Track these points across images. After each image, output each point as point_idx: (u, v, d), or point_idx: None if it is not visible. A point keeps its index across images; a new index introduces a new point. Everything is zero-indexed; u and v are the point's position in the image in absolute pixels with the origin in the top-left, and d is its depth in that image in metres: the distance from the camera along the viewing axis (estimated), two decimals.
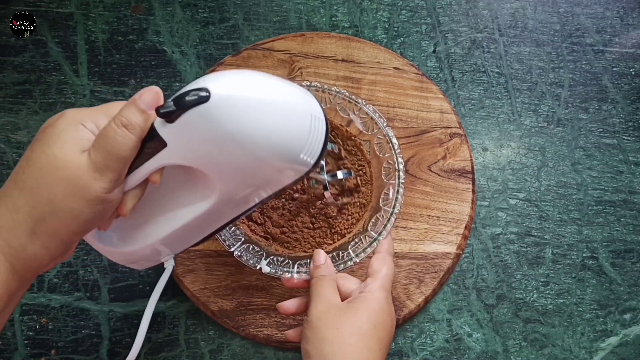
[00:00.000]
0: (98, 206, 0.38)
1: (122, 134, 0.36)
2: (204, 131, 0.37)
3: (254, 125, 0.38)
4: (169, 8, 0.72)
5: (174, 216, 0.45)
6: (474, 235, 0.63)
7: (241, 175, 0.41)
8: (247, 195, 0.44)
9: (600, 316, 0.61)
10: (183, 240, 0.47)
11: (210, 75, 0.38)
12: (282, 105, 0.40)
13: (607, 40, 0.73)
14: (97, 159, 0.36)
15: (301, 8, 0.73)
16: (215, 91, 0.36)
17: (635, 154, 0.67)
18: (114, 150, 0.36)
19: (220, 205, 0.44)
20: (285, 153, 0.40)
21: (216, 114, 0.37)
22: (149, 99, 0.37)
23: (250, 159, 0.39)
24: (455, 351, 0.59)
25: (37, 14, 0.71)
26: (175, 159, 0.39)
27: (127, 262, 0.48)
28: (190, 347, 0.59)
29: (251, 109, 0.38)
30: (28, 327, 0.59)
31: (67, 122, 0.37)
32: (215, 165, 0.40)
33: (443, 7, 0.74)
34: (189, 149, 0.39)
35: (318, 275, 0.49)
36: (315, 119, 0.41)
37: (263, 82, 0.40)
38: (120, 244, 0.46)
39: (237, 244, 0.53)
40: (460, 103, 0.69)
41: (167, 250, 0.48)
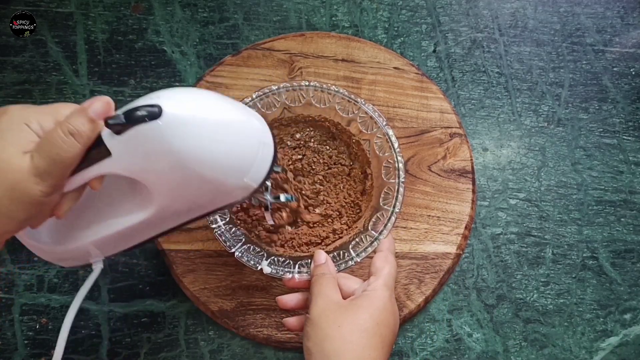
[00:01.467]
0: (35, 208, 0.37)
1: (68, 142, 0.36)
2: (150, 147, 0.37)
3: (201, 146, 0.38)
4: (169, 8, 0.72)
5: (109, 222, 0.45)
6: (474, 235, 0.63)
7: (182, 192, 0.41)
8: (185, 210, 0.44)
9: (600, 316, 0.61)
10: (115, 244, 0.47)
11: (164, 92, 0.38)
12: (232, 130, 0.40)
13: (607, 40, 0.73)
14: (39, 164, 0.36)
15: (301, 8, 0.73)
16: (167, 109, 0.36)
17: (635, 154, 0.67)
18: (58, 158, 0.36)
19: (158, 217, 0.44)
20: (229, 176, 0.41)
21: (165, 131, 0.36)
22: (100, 108, 0.37)
23: (194, 178, 0.39)
24: (456, 351, 0.59)
25: (37, 14, 0.71)
26: (117, 169, 0.39)
27: (55, 259, 0.48)
28: (190, 347, 0.58)
29: (201, 130, 0.38)
30: (28, 327, 0.59)
31: (11, 121, 0.37)
32: (157, 180, 0.40)
33: (443, 6, 0.74)
34: (133, 162, 0.39)
35: (318, 273, 0.49)
36: (264, 145, 0.42)
37: (216, 104, 0.40)
38: (50, 242, 0.46)
39: (238, 244, 0.53)
40: (461, 103, 0.69)
41: (98, 252, 0.48)
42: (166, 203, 0.42)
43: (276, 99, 0.58)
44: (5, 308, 0.59)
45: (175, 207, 0.43)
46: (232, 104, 0.41)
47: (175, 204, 0.43)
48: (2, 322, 0.59)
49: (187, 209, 0.44)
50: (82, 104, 0.38)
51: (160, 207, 0.42)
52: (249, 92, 0.58)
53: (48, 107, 0.38)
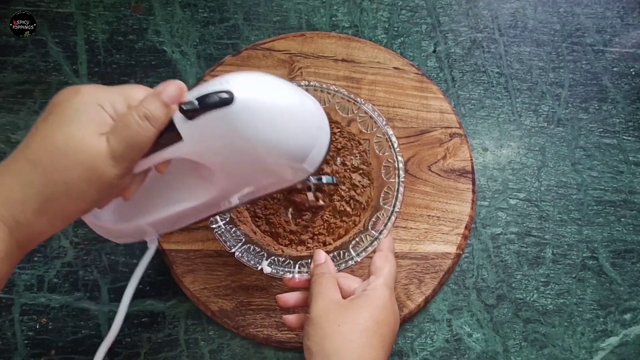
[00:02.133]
0: (107, 190, 0.38)
1: (144, 127, 0.37)
2: (222, 132, 0.38)
3: (269, 132, 0.39)
4: (169, 8, 0.72)
5: (170, 203, 0.46)
6: (474, 235, 0.63)
7: (244, 176, 0.43)
8: (243, 193, 0.45)
9: (600, 316, 0.61)
10: (170, 224, 0.49)
11: (232, 77, 0.39)
12: (297, 114, 0.41)
13: (607, 40, 0.73)
14: (116, 147, 0.36)
15: (301, 8, 0.73)
16: (238, 95, 0.37)
17: (635, 154, 0.67)
18: (134, 142, 0.37)
19: (217, 199, 0.45)
20: (291, 160, 0.42)
21: (237, 117, 0.37)
22: (173, 93, 0.38)
23: (259, 162, 0.41)
24: (456, 351, 0.59)
25: (37, 14, 0.71)
26: (187, 154, 0.40)
27: (110, 236, 0.49)
28: (190, 347, 0.58)
29: (270, 115, 0.39)
30: (28, 327, 0.59)
31: (85, 101, 0.37)
32: (223, 164, 0.41)
33: (443, 7, 0.74)
34: (204, 147, 0.40)
35: (318, 273, 0.49)
36: (322, 129, 0.43)
37: (281, 88, 0.41)
38: (112, 220, 0.47)
39: (238, 244, 0.53)
40: (461, 103, 0.69)
41: (153, 230, 0.49)
42: (228, 187, 0.44)
43: None
44: (5, 308, 0.59)
45: (234, 190, 0.45)
46: (293, 89, 0.42)
47: (235, 187, 0.44)
48: (2, 322, 0.59)
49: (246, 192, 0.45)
50: (155, 87, 0.38)
51: (221, 190, 0.44)
52: None
53: (119, 89, 0.39)
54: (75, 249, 0.61)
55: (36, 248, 0.59)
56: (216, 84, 0.38)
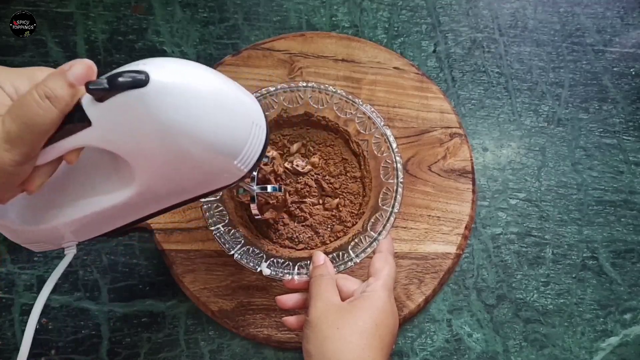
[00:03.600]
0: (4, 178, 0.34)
1: (44, 106, 0.33)
2: (135, 117, 0.34)
3: (189, 119, 0.35)
4: (169, 8, 0.72)
5: (86, 201, 0.42)
6: (474, 236, 0.63)
7: (167, 172, 0.38)
8: (170, 193, 0.41)
9: (600, 316, 0.61)
10: (91, 228, 0.44)
11: (153, 60, 0.36)
12: (224, 105, 0.37)
13: (607, 40, 0.73)
14: (11, 128, 0.33)
15: (301, 8, 0.73)
16: (154, 77, 0.33)
17: (635, 154, 0.67)
18: (32, 123, 0.33)
19: (139, 198, 0.40)
20: (219, 156, 0.38)
21: (152, 101, 0.34)
22: (80, 71, 0.34)
23: (181, 155, 0.37)
24: (456, 351, 0.59)
25: (37, 14, 0.71)
26: (97, 142, 0.36)
27: (24, 242, 0.45)
28: (190, 347, 0.59)
29: (191, 102, 0.35)
30: None
31: None
32: (140, 156, 0.37)
33: (443, 7, 0.74)
34: (115, 133, 0.35)
35: (317, 275, 0.48)
36: (257, 126, 0.39)
37: (207, 77, 0.37)
38: (19, 221, 0.42)
39: (237, 246, 0.53)
40: (461, 103, 0.69)
41: (71, 236, 0.44)
42: (148, 183, 0.39)
43: (274, 100, 0.58)
44: (5, 308, 0.59)
45: (157, 189, 0.40)
46: (224, 79, 0.38)
47: (158, 185, 0.40)
48: (2, 322, 0.59)
49: (171, 192, 0.41)
50: (61, 66, 0.34)
51: (141, 187, 0.39)
52: (249, 92, 0.58)
53: (24, 70, 0.36)
54: None
55: None
56: (133, 65, 0.35)
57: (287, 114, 0.60)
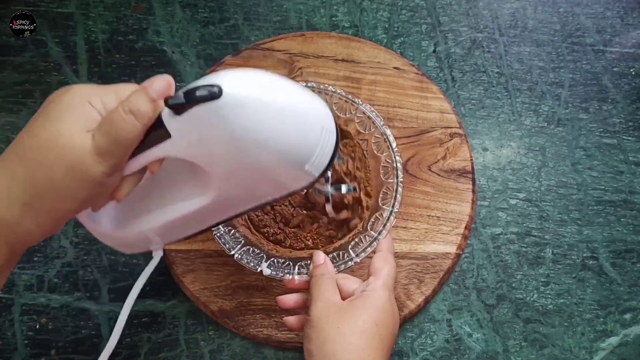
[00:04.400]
0: (96, 189, 0.37)
1: (129, 121, 0.36)
2: (210, 128, 0.37)
3: (261, 129, 0.37)
4: (169, 8, 0.72)
5: (168, 208, 0.45)
6: (474, 235, 0.63)
7: (242, 178, 0.41)
8: (245, 198, 0.43)
9: (600, 316, 0.61)
10: (175, 232, 0.47)
11: (225, 72, 0.37)
12: (294, 113, 0.39)
13: (607, 40, 0.73)
14: (101, 143, 0.36)
15: (301, 8, 0.73)
16: (227, 89, 0.35)
17: (635, 154, 0.67)
18: (119, 137, 0.36)
19: (217, 204, 0.43)
20: (290, 162, 0.39)
21: (225, 112, 0.36)
22: (160, 87, 0.37)
23: (254, 163, 0.39)
24: (456, 351, 0.59)
25: (37, 14, 0.71)
26: (177, 152, 0.39)
27: (116, 245, 0.48)
28: (190, 347, 0.58)
29: (262, 112, 0.37)
30: (28, 327, 0.59)
31: (74, 98, 0.37)
32: (216, 164, 0.39)
33: (443, 6, 0.74)
34: (193, 144, 0.38)
35: (317, 274, 0.48)
36: (327, 131, 0.40)
37: (278, 85, 0.39)
38: (111, 226, 0.45)
39: (237, 246, 0.53)
40: (461, 103, 0.69)
41: (158, 239, 0.47)
42: (225, 189, 0.42)
43: None
44: (5, 308, 0.59)
45: (234, 194, 0.42)
46: (294, 87, 0.40)
47: (234, 191, 0.42)
48: (2, 322, 0.59)
49: (247, 197, 0.43)
50: (143, 83, 0.37)
51: (219, 193, 0.42)
52: None
53: (111, 87, 0.38)
54: (75, 249, 0.61)
55: (36, 248, 0.59)
56: (207, 78, 0.37)
57: None
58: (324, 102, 0.42)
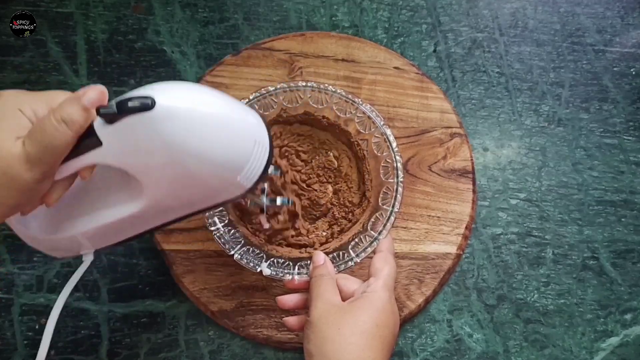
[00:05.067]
0: (25, 195, 0.37)
1: (60, 130, 0.36)
2: (141, 138, 0.37)
3: (193, 140, 0.38)
4: (169, 8, 0.72)
5: (100, 213, 0.45)
6: (474, 236, 0.63)
7: (173, 187, 0.41)
8: (178, 206, 0.44)
9: (600, 316, 0.61)
10: (106, 237, 0.47)
11: (160, 84, 0.38)
12: (227, 125, 0.39)
13: (607, 40, 0.73)
14: (31, 151, 0.36)
15: (301, 8, 0.73)
16: (160, 101, 0.36)
17: (636, 154, 0.67)
18: (50, 145, 0.36)
19: (148, 211, 0.43)
20: (222, 173, 0.40)
21: (158, 123, 0.36)
22: (94, 97, 0.37)
23: (186, 173, 0.39)
24: (456, 352, 0.59)
25: (37, 14, 0.71)
26: (108, 160, 0.39)
27: (46, 249, 0.48)
28: (190, 348, 0.58)
29: (194, 124, 0.37)
30: (28, 327, 0.59)
31: (5, 105, 0.37)
32: (147, 173, 0.40)
33: (443, 6, 0.74)
34: (124, 153, 0.38)
35: (317, 275, 0.48)
36: (259, 145, 0.41)
37: (211, 99, 0.39)
38: (41, 231, 0.45)
39: (237, 246, 0.53)
40: (461, 103, 0.69)
41: (88, 244, 0.47)
42: (157, 197, 0.42)
43: (274, 99, 0.58)
44: (5, 308, 0.59)
45: (166, 202, 0.43)
46: (227, 100, 0.41)
47: (166, 199, 0.42)
48: (2, 322, 0.59)
49: (179, 205, 0.43)
50: (76, 92, 0.37)
51: (150, 201, 0.42)
52: (249, 92, 0.58)
53: (42, 94, 0.38)
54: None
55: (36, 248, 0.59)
56: (141, 90, 0.37)
57: (286, 114, 0.60)
58: (259, 116, 0.43)
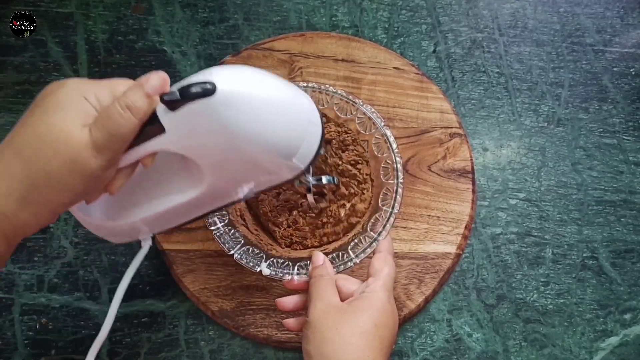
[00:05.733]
0: (92, 182, 0.38)
1: (125, 117, 0.36)
2: (204, 124, 0.38)
3: (253, 124, 0.38)
4: (169, 8, 0.72)
5: (159, 199, 0.46)
6: (474, 235, 0.63)
7: (232, 171, 0.42)
8: (234, 189, 0.45)
9: (600, 316, 0.61)
10: (164, 222, 0.48)
11: (218, 69, 0.39)
12: (283, 108, 0.40)
13: (607, 40, 0.73)
14: (98, 138, 0.36)
15: (301, 8, 0.73)
16: (220, 86, 0.37)
17: (635, 154, 0.67)
18: (116, 132, 0.37)
19: (207, 195, 0.44)
20: (279, 155, 0.41)
21: (219, 108, 0.37)
22: (156, 83, 0.38)
23: (245, 156, 0.40)
24: (456, 351, 0.59)
25: (37, 14, 0.71)
26: (171, 146, 0.40)
27: (105, 235, 0.49)
28: (190, 347, 0.59)
29: (253, 108, 0.38)
30: (28, 327, 0.59)
31: (70, 93, 0.37)
32: (208, 158, 0.41)
33: (443, 7, 0.74)
34: (186, 139, 0.39)
35: (317, 275, 0.48)
36: (312, 125, 0.42)
37: (268, 82, 0.40)
38: (102, 217, 0.46)
39: (237, 246, 0.53)
40: (461, 103, 0.69)
41: (146, 229, 0.48)
42: (216, 182, 0.43)
43: None
44: (5, 308, 0.59)
45: (224, 186, 0.44)
46: (282, 83, 0.41)
47: (225, 183, 0.43)
48: (2, 322, 0.59)
49: (235, 189, 0.44)
50: (139, 79, 0.38)
51: (210, 186, 0.43)
52: None
53: (105, 82, 0.39)
54: (75, 249, 0.61)
55: (36, 248, 0.59)
56: (200, 75, 0.38)
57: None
58: (309, 97, 0.44)
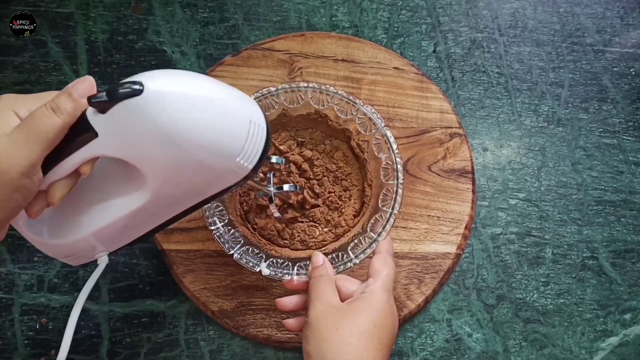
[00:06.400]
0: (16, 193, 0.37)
1: (49, 116, 0.36)
2: (135, 124, 0.37)
3: (186, 122, 0.37)
4: (169, 8, 0.72)
5: (105, 211, 0.44)
6: (474, 235, 0.63)
7: (174, 172, 0.41)
8: (183, 196, 0.43)
9: (600, 316, 0.61)
10: (116, 237, 0.47)
11: (148, 72, 0.38)
12: (218, 106, 0.39)
13: (607, 40, 0.73)
14: (17, 136, 0.36)
15: (301, 8, 0.73)
16: (149, 85, 0.36)
17: (635, 154, 0.67)
18: (37, 129, 0.36)
19: (154, 203, 0.43)
20: (219, 155, 0.40)
21: (148, 107, 0.36)
22: (82, 88, 0.38)
23: (183, 157, 0.39)
24: (456, 351, 0.59)
25: (37, 14, 0.71)
26: (106, 151, 0.39)
27: (60, 255, 0.47)
28: (190, 347, 0.59)
29: (185, 105, 0.37)
30: (28, 327, 0.59)
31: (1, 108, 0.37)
32: (146, 161, 0.40)
33: (443, 7, 0.74)
34: (120, 142, 0.38)
35: (316, 275, 0.48)
36: (255, 124, 0.41)
37: (200, 82, 0.40)
38: (51, 235, 0.45)
39: (237, 246, 0.53)
40: (461, 103, 0.69)
41: (101, 246, 0.47)
42: (160, 187, 0.41)
43: (275, 100, 0.58)
44: (5, 308, 0.59)
45: (170, 192, 0.42)
46: (216, 84, 0.41)
47: (169, 188, 0.42)
48: (2, 322, 0.59)
49: (184, 194, 0.43)
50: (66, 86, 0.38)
51: (154, 191, 0.42)
52: (249, 92, 0.58)
53: (39, 95, 0.39)
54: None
55: (36, 248, 0.59)
56: (130, 77, 0.37)
57: (288, 114, 0.60)
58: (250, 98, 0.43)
